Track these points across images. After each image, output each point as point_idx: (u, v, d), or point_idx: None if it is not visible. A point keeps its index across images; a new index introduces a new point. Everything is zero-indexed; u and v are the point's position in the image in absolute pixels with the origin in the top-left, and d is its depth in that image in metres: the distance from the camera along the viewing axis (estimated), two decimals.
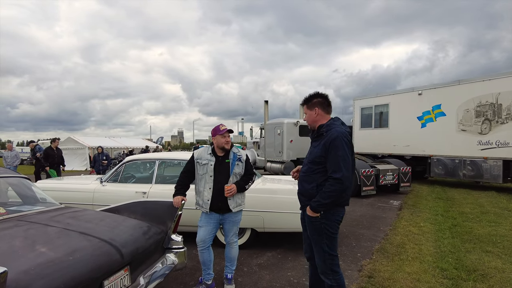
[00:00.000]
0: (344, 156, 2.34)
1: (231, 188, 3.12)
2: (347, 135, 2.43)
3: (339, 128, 2.46)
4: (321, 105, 2.57)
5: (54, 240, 2.13)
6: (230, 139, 3.26)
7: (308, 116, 2.63)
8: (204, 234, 3.18)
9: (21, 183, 3.27)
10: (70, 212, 2.83)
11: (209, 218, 3.20)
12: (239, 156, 3.28)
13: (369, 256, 4.31)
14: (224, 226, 3.29)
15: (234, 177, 3.21)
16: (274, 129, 13.33)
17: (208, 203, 3.15)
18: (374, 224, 6.13)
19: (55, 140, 10.08)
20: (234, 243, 3.33)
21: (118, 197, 4.64)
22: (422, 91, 11.85)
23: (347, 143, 2.39)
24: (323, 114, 2.57)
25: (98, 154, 12.05)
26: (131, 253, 2.33)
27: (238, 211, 3.27)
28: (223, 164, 3.21)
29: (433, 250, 4.49)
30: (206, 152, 3.27)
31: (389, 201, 8.67)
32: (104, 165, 11.74)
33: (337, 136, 2.38)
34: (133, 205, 3.16)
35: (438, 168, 11.27)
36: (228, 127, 3.25)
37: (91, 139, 26.48)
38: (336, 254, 2.50)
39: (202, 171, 3.20)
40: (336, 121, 2.56)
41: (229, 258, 3.34)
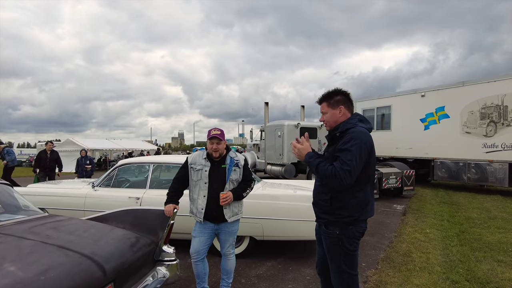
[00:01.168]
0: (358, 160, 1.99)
1: (227, 196, 2.86)
2: (370, 138, 2.10)
3: (361, 128, 2.12)
4: (345, 103, 2.22)
5: (26, 257, 1.90)
6: (219, 146, 2.94)
7: (330, 115, 2.24)
8: (198, 245, 2.95)
9: (3, 190, 3.04)
10: (52, 222, 2.60)
11: (204, 228, 2.96)
12: (236, 161, 3.02)
13: (374, 266, 4.07)
14: (219, 236, 3.05)
15: (230, 183, 2.95)
16: (275, 131, 13.12)
17: (202, 212, 2.91)
18: (378, 230, 5.90)
19: (47, 143, 9.51)
20: (231, 254, 3.09)
21: (110, 202, 4.43)
22: (425, 93, 11.64)
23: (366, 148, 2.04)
24: (347, 113, 2.22)
25: (81, 157, 10.76)
26: (115, 269, 2.10)
27: (235, 220, 3.02)
28: (219, 170, 2.96)
29: (442, 259, 4.25)
30: (201, 157, 3.01)
31: (393, 205, 8.43)
32: (87, 170, 10.53)
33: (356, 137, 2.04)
34: (122, 214, 2.94)
35: (442, 171, 11.03)
36: (217, 133, 2.93)
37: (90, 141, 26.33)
38: (356, 273, 2.21)
39: (196, 177, 2.96)
40: (351, 119, 2.19)
41: (226, 270, 3.11)
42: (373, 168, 2.16)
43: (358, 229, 2.13)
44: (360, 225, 2.14)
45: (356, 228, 2.13)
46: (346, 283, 2.18)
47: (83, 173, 10.38)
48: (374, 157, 2.15)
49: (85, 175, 10.27)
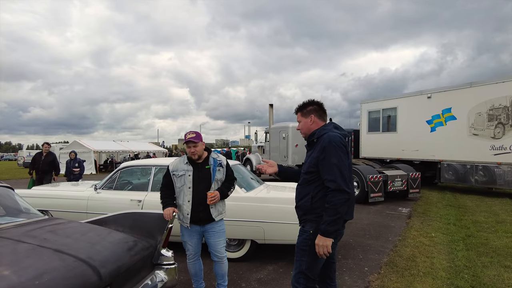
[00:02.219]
0: (340, 163, 2.10)
1: (215, 195, 2.94)
2: (340, 139, 2.20)
3: (331, 132, 2.24)
4: (316, 112, 2.40)
5: (22, 260, 1.90)
6: (196, 149, 2.97)
7: (302, 124, 2.43)
8: (193, 248, 3.06)
9: (4, 193, 3.06)
10: (51, 225, 2.61)
11: (191, 231, 3.03)
12: (219, 161, 3.09)
13: (377, 271, 4.01)
14: (209, 240, 3.06)
15: (215, 183, 3.01)
16: (279, 133, 13.09)
17: (188, 217, 2.97)
18: (382, 233, 5.82)
19: (43, 145, 8.87)
20: (224, 257, 3.10)
21: (112, 205, 4.44)
22: (432, 94, 11.50)
23: (341, 148, 2.16)
24: (318, 121, 2.39)
25: (70, 160, 9.75)
26: (112, 273, 2.09)
27: (220, 220, 3.07)
28: (204, 171, 3.01)
29: (447, 264, 4.18)
30: (182, 162, 3.06)
31: (398, 208, 8.33)
32: (76, 173, 9.57)
33: (329, 141, 2.16)
34: (121, 217, 2.93)
35: (449, 173, 10.88)
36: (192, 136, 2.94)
37: (97, 143, 26.52)
38: (314, 278, 2.22)
39: (180, 183, 3.00)
40: (327, 126, 2.35)
41: (221, 274, 3.12)
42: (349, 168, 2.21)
43: None
44: None
45: None
46: (301, 283, 2.21)
47: (71, 176, 9.56)
48: (348, 159, 2.22)
49: (72, 179, 9.41)
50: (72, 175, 9.52)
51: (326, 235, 2.06)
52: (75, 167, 9.61)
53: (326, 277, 2.43)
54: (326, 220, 2.06)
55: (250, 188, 4.59)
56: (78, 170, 9.64)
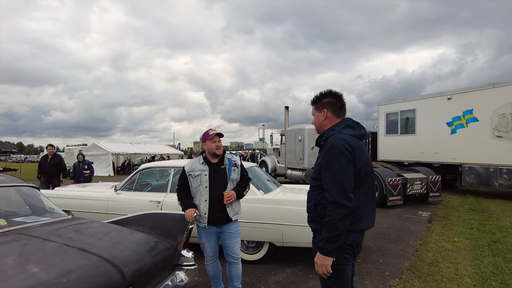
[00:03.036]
0: (341, 171, 1.83)
1: (231, 194, 2.95)
2: (345, 142, 1.88)
3: (338, 134, 1.95)
4: (331, 106, 2.08)
5: (50, 259, 1.94)
6: (221, 143, 3.06)
7: (315, 119, 2.16)
8: (211, 249, 3.07)
9: (31, 192, 3.16)
10: (74, 225, 2.67)
11: (208, 233, 3.04)
12: (234, 161, 3.11)
13: (398, 275, 3.92)
14: (225, 242, 3.06)
15: (231, 183, 3.03)
16: (295, 136, 13.01)
17: (205, 217, 2.97)
18: (402, 237, 5.69)
19: (47, 147, 8.46)
20: (239, 258, 3.12)
21: (132, 206, 4.51)
22: (452, 96, 11.21)
23: (344, 154, 1.85)
24: (332, 117, 2.08)
25: (78, 163, 9.49)
26: (134, 272, 2.11)
27: (236, 220, 3.08)
28: (219, 171, 3.03)
29: (472, 270, 4.04)
30: (198, 162, 3.07)
31: (418, 212, 8.13)
32: (85, 175, 9.32)
33: (330, 146, 1.89)
34: (141, 217, 2.97)
35: (470, 176, 10.55)
36: (218, 131, 3.05)
37: (115, 145, 27.07)
38: None
39: (196, 183, 3.01)
40: (338, 125, 2.04)
41: (236, 276, 3.12)
42: (361, 174, 1.93)
43: (346, 240, 1.86)
44: (349, 236, 1.87)
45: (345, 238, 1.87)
46: None
47: (81, 179, 9.22)
48: (360, 163, 1.92)
49: (82, 182, 9.03)
50: (82, 177, 9.26)
51: (325, 253, 1.81)
52: (84, 169, 9.39)
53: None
54: (324, 236, 1.82)
55: (268, 190, 4.57)
56: (88, 172, 9.45)
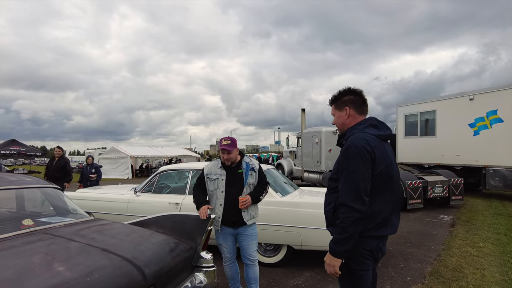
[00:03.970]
0: (357, 172, 1.76)
1: (246, 199, 2.93)
2: (366, 142, 1.80)
3: (359, 133, 1.87)
4: (353, 103, 2.00)
5: (74, 258, 1.99)
6: (230, 156, 3.00)
7: (337, 118, 2.07)
8: (228, 250, 3.09)
9: (55, 194, 3.25)
10: (97, 226, 2.72)
11: (224, 234, 3.07)
12: (251, 165, 3.09)
13: (420, 281, 3.81)
14: (241, 243, 3.08)
15: (248, 188, 3.01)
16: (312, 138, 12.91)
17: (219, 221, 3.00)
18: (424, 242, 5.53)
19: (55, 149, 7.99)
20: (256, 260, 3.11)
21: (151, 207, 4.57)
22: (474, 96, 10.85)
23: (364, 154, 1.77)
24: (355, 115, 2.00)
25: (86, 165, 9.14)
26: (155, 273, 2.13)
27: (252, 223, 3.07)
28: (236, 175, 3.03)
29: (500, 277, 3.88)
30: (217, 166, 3.09)
31: (439, 215, 7.90)
32: (92, 179, 8.87)
33: (348, 146, 1.82)
34: (161, 219, 3.00)
35: (495, 180, 10.16)
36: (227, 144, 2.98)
37: (134, 149, 27.60)
38: None
39: (213, 186, 3.04)
40: (361, 124, 1.95)
41: (254, 278, 3.11)
42: (383, 177, 1.84)
43: (364, 245, 1.83)
44: (368, 242, 1.83)
45: (360, 244, 1.82)
46: None
47: (88, 183, 8.78)
48: (381, 164, 1.83)
49: (89, 186, 8.44)
50: (89, 181, 8.81)
51: (334, 254, 1.79)
52: (91, 173, 9.00)
53: None
54: (334, 238, 1.80)
55: (285, 193, 4.54)
56: (95, 176, 9.03)
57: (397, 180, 1.96)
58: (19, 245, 2.10)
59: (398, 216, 2.00)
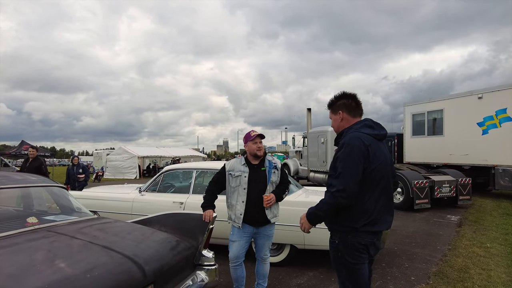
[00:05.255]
0: (349, 168, 1.88)
1: (271, 198, 2.93)
2: (361, 140, 1.93)
3: (355, 132, 2.01)
4: (346, 107, 2.15)
5: (76, 255, 2.02)
6: (262, 145, 3.06)
7: (333, 121, 2.24)
8: (238, 249, 3.01)
9: (60, 192, 3.30)
10: (99, 224, 2.76)
11: (243, 232, 3.01)
12: (274, 163, 3.09)
13: (424, 281, 3.77)
14: (257, 241, 3.09)
15: (270, 185, 3.01)
16: (318, 138, 12.86)
17: (241, 218, 2.96)
18: (430, 242, 5.47)
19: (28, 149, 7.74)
20: (267, 258, 3.14)
21: (155, 206, 4.61)
22: (483, 95, 10.69)
23: (357, 152, 1.89)
24: (349, 118, 2.14)
25: (72, 166, 8.76)
26: (155, 271, 2.15)
27: (273, 223, 3.07)
28: (259, 173, 3.03)
29: (506, 278, 3.82)
30: (240, 163, 3.08)
31: (446, 216, 7.80)
32: (80, 180, 8.59)
33: (345, 143, 1.95)
34: (163, 217, 3.03)
35: (505, 179, 9.98)
36: (258, 132, 3.06)
37: (141, 149, 27.81)
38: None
39: (235, 183, 3.01)
40: (357, 124, 2.09)
41: (262, 274, 3.14)
42: (376, 174, 1.94)
43: (359, 240, 1.93)
44: (362, 236, 1.93)
45: (356, 239, 1.93)
46: None
47: (75, 184, 8.56)
48: (375, 162, 1.93)
49: (77, 187, 8.45)
50: (77, 182, 8.55)
51: (309, 220, 2.06)
52: (79, 173, 8.66)
53: None
54: (313, 211, 2.03)
55: (289, 192, 4.52)
56: (83, 177, 8.74)
57: (390, 179, 2.07)
58: (23, 242, 2.14)
59: (392, 212, 2.10)
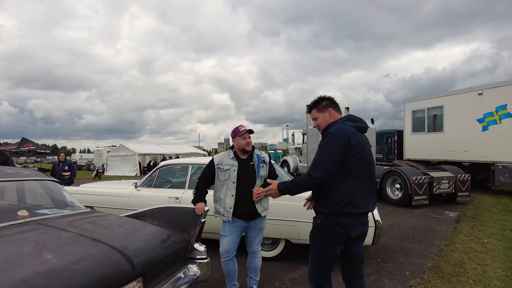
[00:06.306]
0: (329, 154, 2.11)
1: (260, 192, 2.88)
2: (344, 130, 2.16)
3: (340, 124, 2.24)
4: (332, 105, 2.41)
5: (64, 247, 2.02)
6: (251, 140, 3.04)
7: (321, 119, 2.43)
8: (229, 244, 2.99)
9: (54, 187, 3.30)
10: (91, 217, 2.76)
11: (234, 226, 3.00)
12: (262, 158, 3.10)
13: (419, 276, 3.76)
14: (248, 234, 3.08)
15: (259, 180, 3.02)
16: (317, 135, 12.83)
17: (230, 211, 2.95)
18: (427, 238, 5.46)
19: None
20: (259, 252, 3.13)
21: (151, 201, 4.59)
22: (483, 91, 10.64)
23: (340, 140, 2.11)
24: (336, 114, 2.39)
25: (58, 162, 8.38)
26: (144, 263, 2.15)
27: (264, 216, 3.07)
28: (248, 167, 3.02)
29: (502, 272, 3.80)
30: (228, 157, 3.06)
31: (445, 212, 7.78)
32: (66, 177, 8.07)
33: (329, 132, 2.20)
34: (156, 211, 3.03)
35: (505, 176, 9.95)
36: (248, 128, 3.05)
37: (142, 146, 27.84)
38: (327, 268, 2.24)
39: (224, 177, 3.00)
40: (341, 119, 2.34)
41: (254, 268, 3.14)
42: (357, 160, 2.15)
43: (338, 222, 2.14)
44: (342, 219, 2.13)
45: (336, 221, 2.14)
46: (314, 274, 2.26)
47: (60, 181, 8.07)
48: (356, 150, 2.14)
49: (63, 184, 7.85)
50: (62, 179, 7.99)
51: (281, 192, 2.35)
52: (64, 170, 8.17)
53: (349, 276, 2.36)
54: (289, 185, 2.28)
55: None
56: (68, 174, 8.23)
57: (370, 166, 2.27)
58: (12, 234, 2.14)
59: (374, 198, 2.31)
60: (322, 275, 2.24)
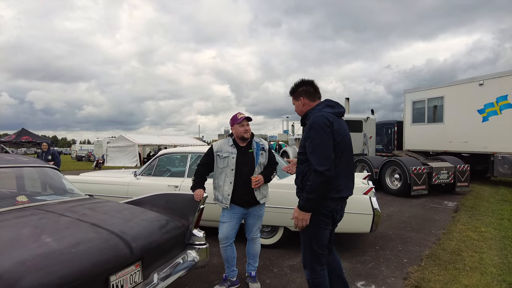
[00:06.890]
0: (322, 144, 2.10)
1: (259, 179, 2.94)
2: (325, 118, 2.16)
3: (318, 112, 2.25)
4: (306, 93, 2.41)
5: (62, 231, 2.04)
6: (249, 127, 3.04)
7: (296, 107, 2.49)
8: (227, 230, 3.01)
9: (53, 174, 3.31)
10: (90, 203, 2.77)
11: (232, 213, 3.01)
12: (262, 145, 3.10)
13: (417, 263, 3.80)
14: (247, 221, 3.10)
15: (258, 167, 3.02)
16: None
17: (228, 198, 2.96)
18: (425, 226, 5.50)
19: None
20: (258, 238, 3.15)
21: (150, 190, 4.57)
22: (484, 81, 10.58)
23: (323, 129, 2.12)
24: (309, 102, 2.40)
25: (42, 152, 8.30)
26: (143, 248, 2.17)
27: (263, 203, 3.08)
28: (247, 155, 3.02)
29: (498, 260, 3.84)
30: (227, 144, 3.06)
31: (443, 202, 7.82)
32: None
33: (312, 122, 2.18)
34: (155, 198, 3.05)
35: (504, 167, 9.96)
36: (246, 115, 3.03)
37: (141, 137, 27.81)
38: (321, 251, 2.27)
39: (223, 164, 3.00)
40: (319, 105, 2.34)
41: (252, 254, 3.16)
42: (341, 147, 2.19)
43: (326, 207, 2.18)
44: (329, 204, 2.19)
45: (324, 205, 2.18)
46: (308, 259, 2.30)
47: None
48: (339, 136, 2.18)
49: None
50: None
51: (303, 209, 2.15)
52: (48, 160, 8.02)
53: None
54: (304, 197, 2.14)
55: (283, 176, 4.54)
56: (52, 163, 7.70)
57: (351, 151, 2.34)
58: (11, 219, 2.15)
59: (353, 181, 2.37)
60: (317, 260, 2.27)
